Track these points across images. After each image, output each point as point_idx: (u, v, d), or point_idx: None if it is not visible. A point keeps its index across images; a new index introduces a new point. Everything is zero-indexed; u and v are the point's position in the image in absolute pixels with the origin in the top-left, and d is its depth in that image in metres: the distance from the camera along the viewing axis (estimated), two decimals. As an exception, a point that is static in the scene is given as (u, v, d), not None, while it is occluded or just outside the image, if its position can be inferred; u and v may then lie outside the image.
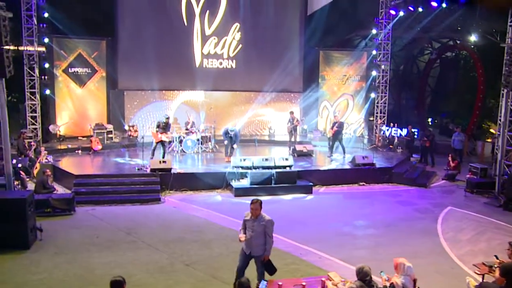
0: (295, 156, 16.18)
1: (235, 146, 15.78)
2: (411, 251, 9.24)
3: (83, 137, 18.45)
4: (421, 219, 11.77)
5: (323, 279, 6.39)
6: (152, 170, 13.57)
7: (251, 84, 20.37)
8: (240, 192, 13.36)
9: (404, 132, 18.60)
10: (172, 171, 13.72)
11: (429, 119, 22.21)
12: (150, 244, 9.62)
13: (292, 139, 17.55)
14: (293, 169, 14.41)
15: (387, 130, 19.04)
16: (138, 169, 13.93)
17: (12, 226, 9.21)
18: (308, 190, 13.91)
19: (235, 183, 13.71)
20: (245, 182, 13.82)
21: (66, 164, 14.81)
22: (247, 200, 12.62)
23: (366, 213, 12.18)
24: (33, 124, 17.06)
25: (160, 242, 9.70)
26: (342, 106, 20.51)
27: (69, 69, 18.47)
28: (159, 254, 9.16)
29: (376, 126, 19.68)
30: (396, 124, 18.54)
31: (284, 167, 14.38)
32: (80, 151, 16.67)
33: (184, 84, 19.75)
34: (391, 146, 18.48)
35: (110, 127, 18.04)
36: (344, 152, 16.65)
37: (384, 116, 19.51)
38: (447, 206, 12.86)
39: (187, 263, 8.73)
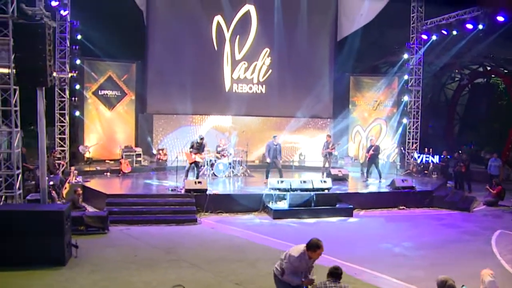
0: (329, 181, 15.45)
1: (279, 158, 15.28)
2: (471, 272, 8.38)
3: (110, 160, 17.89)
4: (472, 241, 11.13)
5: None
6: (187, 190, 12.96)
7: (281, 109, 19.87)
8: (279, 215, 12.71)
9: (436, 158, 17.85)
10: (208, 192, 13.11)
11: (461, 147, 21.46)
12: (193, 264, 9.00)
13: (326, 164, 16.81)
14: (331, 192, 13.72)
15: (418, 156, 18.34)
16: (172, 190, 13.32)
17: (48, 240, 8.56)
18: (348, 213, 13.19)
19: (273, 205, 13.05)
20: (283, 205, 13.15)
21: (96, 184, 14.21)
22: (286, 222, 12.50)
23: (413, 234, 11.64)
24: (61, 146, 16.57)
25: (203, 261, 9.08)
26: (375, 131, 19.86)
27: (99, 91, 18.18)
28: (204, 273, 8.53)
29: (408, 153, 18.93)
30: (431, 150, 17.79)
31: (323, 189, 13.70)
32: (109, 173, 16.10)
33: (213, 108, 19.29)
34: (426, 172, 17.68)
35: (139, 150, 17.53)
36: (380, 177, 15.90)
37: (416, 142, 18.79)
38: (497, 229, 12.06)
39: (236, 282, 8.15)
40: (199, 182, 13.21)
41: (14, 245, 8.37)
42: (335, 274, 5.34)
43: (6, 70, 10.47)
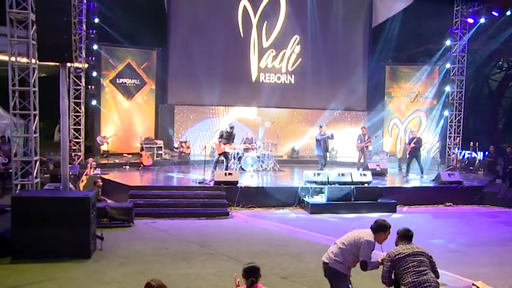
0: (367, 176, 14.95)
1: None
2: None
3: (128, 154, 17.52)
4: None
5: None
6: (216, 182, 12.56)
7: (311, 101, 19.49)
8: (317, 209, 12.27)
9: (480, 154, 17.18)
10: (239, 184, 12.69)
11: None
12: (231, 257, 8.56)
13: (362, 159, 16.26)
14: (371, 185, 13.28)
15: (460, 152, 17.71)
16: (199, 183, 12.92)
17: (72, 230, 8.13)
18: (391, 209, 12.63)
19: (309, 199, 12.60)
20: (320, 199, 12.72)
21: (116, 177, 13.82)
22: (324, 217, 12.03)
23: (466, 231, 11.07)
24: (76, 138, 16.26)
25: (242, 255, 8.61)
26: (414, 124, 19.24)
27: (117, 79, 17.86)
28: (231, 262, 8.07)
29: (450, 148, 18.28)
30: (477, 144, 17.10)
31: (363, 183, 13.29)
32: (127, 167, 15.72)
33: (239, 99, 18.86)
34: (471, 168, 17.00)
35: (160, 142, 17.17)
36: (422, 172, 15.32)
37: (458, 136, 18.11)
38: None
39: (282, 276, 7.70)
40: (230, 174, 12.82)
41: (36, 235, 7.97)
42: (407, 236, 5.11)
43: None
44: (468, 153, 17.39)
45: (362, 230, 5.44)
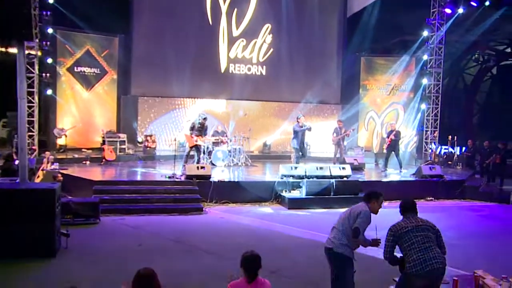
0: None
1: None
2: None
3: (87, 149, 16.91)
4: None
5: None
6: (188, 177, 12.24)
7: (283, 94, 19.46)
8: (295, 204, 12.20)
9: (457, 149, 17.54)
10: (212, 179, 12.43)
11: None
12: (211, 252, 8.36)
13: (338, 154, 16.27)
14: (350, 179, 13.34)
15: (437, 147, 18.06)
16: (169, 177, 12.56)
17: (35, 227, 7.65)
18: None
19: (287, 194, 12.51)
20: (298, 193, 12.65)
21: (77, 172, 13.28)
22: (304, 212, 11.92)
23: (452, 225, 11.02)
24: (29, 131, 15.45)
25: (223, 250, 8.43)
26: (391, 117, 19.42)
27: (75, 67, 17.22)
28: (229, 261, 7.72)
29: (427, 143, 18.60)
30: (455, 138, 17.43)
31: (342, 177, 13.27)
32: (88, 162, 15.16)
33: (207, 91, 18.59)
34: (449, 163, 17.33)
35: (123, 136, 16.66)
36: (400, 167, 15.42)
37: (436, 130, 18.44)
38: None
39: (271, 271, 7.40)
40: (202, 168, 12.54)
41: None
42: (410, 208, 5.07)
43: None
44: (445, 148, 17.70)
45: (355, 205, 5.42)
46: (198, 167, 12.52)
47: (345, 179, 13.22)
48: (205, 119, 13.59)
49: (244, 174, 14.62)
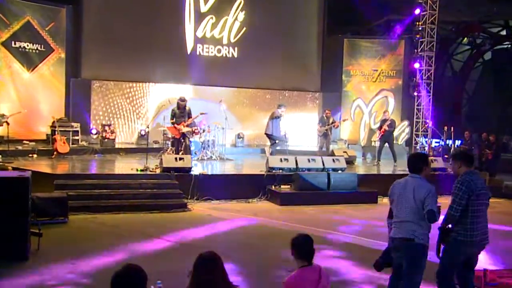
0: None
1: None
2: None
3: (30, 140, 16.14)
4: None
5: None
6: (165, 169, 11.94)
7: (257, 79, 19.52)
8: (287, 200, 12.17)
9: (450, 142, 18.07)
10: (192, 172, 12.22)
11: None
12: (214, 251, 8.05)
13: (324, 147, 16.34)
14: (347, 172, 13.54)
15: (427, 139, 18.56)
16: (141, 170, 12.22)
17: (5, 223, 7.21)
18: (372, 199, 12.78)
19: (277, 189, 12.48)
20: (289, 188, 12.64)
21: (28, 166, 12.62)
22: (298, 208, 11.90)
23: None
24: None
25: (224, 249, 8.06)
26: (380, 106, 19.84)
27: (12, 42, 16.46)
28: (238, 262, 7.65)
29: (417, 135, 19.04)
30: (452, 129, 17.88)
31: (336, 169, 13.37)
32: (35, 155, 14.47)
33: (170, 75, 18.41)
34: (446, 156, 17.78)
35: (76, 125, 16.10)
36: (395, 160, 15.71)
37: (427, 121, 18.91)
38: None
39: (290, 269, 7.28)
40: (181, 159, 12.26)
41: None
42: (470, 159, 5.32)
43: None
44: (436, 142, 18.14)
45: (407, 183, 5.27)
46: (176, 158, 12.23)
47: (339, 172, 13.35)
48: (184, 100, 13.37)
49: (223, 168, 14.48)
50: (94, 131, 17.02)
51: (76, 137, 15.99)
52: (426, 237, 5.20)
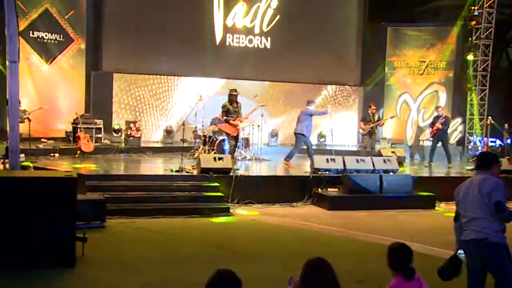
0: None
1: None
2: None
3: (48, 138, 16.42)
4: None
5: None
6: (203, 170, 12.09)
7: (291, 72, 19.70)
8: (337, 204, 12.24)
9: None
10: (233, 173, 12.38)
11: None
12: (272, 260, 8.26)
13: (368, 147, 16.38)
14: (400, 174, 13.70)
15: (480, 139, 18.54)
16: (176, 171, 12.47)
17: (52, 227, 7.34)
18: (429, 204, 12.80)
19: (325, 192, 12.63)
20: (337, 191, 12.79)
21: (55, 166, 12.98)
22: (349, 214, 12.00)
23: None
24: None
25: (283, 257, 8.33)
26: (429, 102, 19.92)
27: (30, 32, 16.72)
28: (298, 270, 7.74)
29: (471, 133, 19.05)
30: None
31: (387, 171, 13.46)
32: (56, 154, 14.78)
33: (197, 68, 18.76)
34: (508, 157, 17.70)
35: (100, 122, 16.45)
36: (449, 161, 15.79)
37: (483, 117, 18.85)
38: None
39: (359, 279, 7.50)
40: (220, 159, 12.40)
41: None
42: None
43: None
44: (492, 141, 18.06)
45: (472, 180, 5.41)
46: (215, 158, 12.36)
47: (391, 173, 13.43)
48: (235, 94, 13.52)
49: (261, 169, 14.73)
50: (116, 127, 17.33)
51: (99, 135, 16.33)
52: (500, 234, 5.25)
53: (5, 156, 10.38)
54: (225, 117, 13.52)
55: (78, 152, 14.85)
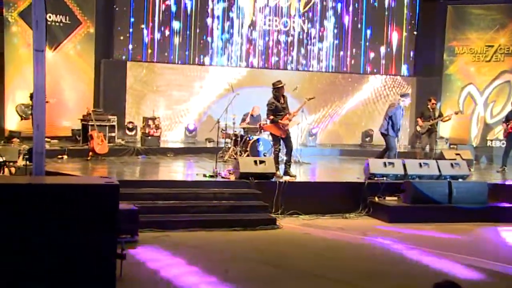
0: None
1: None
2: None
3: (52, 138, 16.77)
4: None
5: None
6: (242, 175, 12.37)
7: (333, 60, 20.16)
8: (398, 216, 12.44)
9: None
10: (277, 179, 12.68)
11: None
12: (337, 280, 8.59)
13: (427, 148, 16.57)
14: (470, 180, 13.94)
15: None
16: (210, 176, 12.77)
17: (92, 242, 7.63)
18: (507, 217, 12.92)
19: (383, 202, 12.81)
20: (396, 200, 12.96)
21: (69, 170, 13.28)
22: (413, 227, 12.16)
23: None
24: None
25: (350, 277, 8.72)
26: (499, 94, 20.09)
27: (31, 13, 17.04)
28: None
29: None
30: None
31: (455, 177, 13.62)
32: (65, 156, 15.17)
33: (224, 55, 19.26)
34: None
35: (113, 119, 16.78)
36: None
37: None
38: None
39: None
40: (261, 162, 12.67)
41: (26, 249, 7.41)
42: None
43: None
44: None
45: None
46: (256, 162, 12.61)
47: (460, 180, 13.61)
48: (279, 83, 13.61)
49: (304, 174, 15.04)
50: (130, 126, 17.67)
51: (113, 134, 16.64)
52: None
53: (28, 159, 10.77)
54: (272, 117, 13.49)
55: (91, 153, 15.12)
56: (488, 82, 20.30)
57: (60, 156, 15.14)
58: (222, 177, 12.74)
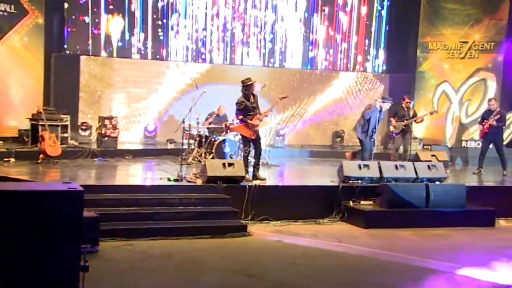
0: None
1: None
2: None
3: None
4: None
5: None
6: (210, 179, 12.37)
7: (298, 55, 20.29)
8: (374, 221, 12.59)
9: None
10: (246, 183, 12.73)
11: None
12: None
13: (400, 149, 16.77)
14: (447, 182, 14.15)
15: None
16: (175, 180, 12.74)
17: (54, 254, 7.57)
18: (487, 221, 13.20)
19: (359, 206, 12.96)
20: (371, 205, 13.11)
21: (18, 174, 13.08)
22: (389, 232, 12.34)
23: None
24: None
25: (328, 287, 8.84)
26: (473, 92, 20.42)
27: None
28: None
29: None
30: None
31: (432, 180, 13.87)
32: (12, 159, 14.98)
33: (183, 49, 19.40)
34: None
35: (66, 118, 16.66)
36: (504, 167, 16.29)
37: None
38: None
39: None
40: (230, 165, 12.69)
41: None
42: None
43: None
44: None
45: None
46: (225, 165, 12.63)
47: (437, 183, 13.80)
48: (249, 80, 13.53)
49: (273, 177, 15.08)
50: (84, 126, 17.55)
51: (65, 134, 16.52)
52: None
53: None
54: (241, 117, 13.46)
55: (41, 156, 14.92)
56: (463, 80, 20.68)
57: (6, 159, 14.91)
58: (188, 181, 12.73)
